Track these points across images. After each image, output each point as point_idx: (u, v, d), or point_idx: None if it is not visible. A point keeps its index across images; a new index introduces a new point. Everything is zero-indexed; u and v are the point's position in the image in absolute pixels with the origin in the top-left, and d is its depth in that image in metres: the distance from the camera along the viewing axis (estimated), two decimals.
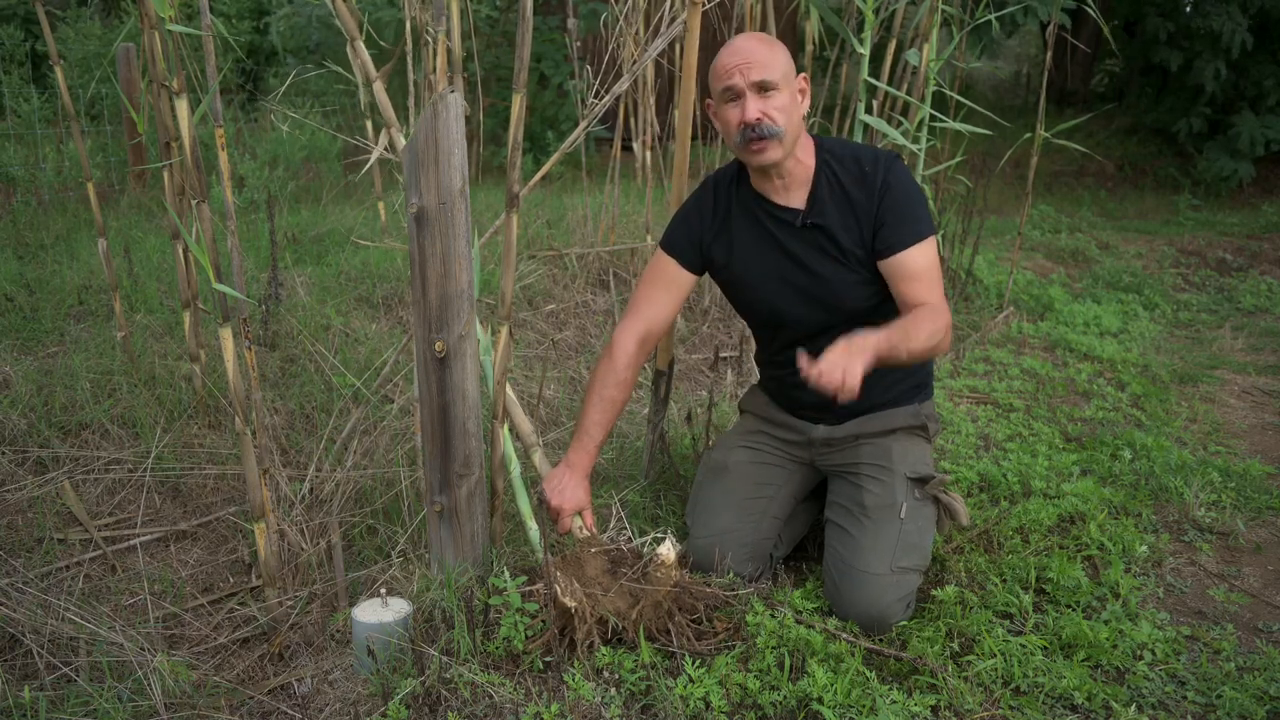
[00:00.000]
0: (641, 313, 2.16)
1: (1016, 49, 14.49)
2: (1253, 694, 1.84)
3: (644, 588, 1.85)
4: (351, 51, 2.04)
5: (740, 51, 1.94)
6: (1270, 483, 2.88)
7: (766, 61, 1.93)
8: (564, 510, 2.04)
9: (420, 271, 1.82)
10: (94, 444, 2.63)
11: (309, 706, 1.77)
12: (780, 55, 1.96)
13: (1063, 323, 4.52)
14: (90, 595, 2.07)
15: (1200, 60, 8.29)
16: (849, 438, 2.15)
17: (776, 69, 1.94)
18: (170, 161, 2.56)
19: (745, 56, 1.93)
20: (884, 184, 1.98)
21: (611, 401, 2.12)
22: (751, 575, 2.14)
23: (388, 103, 2.03)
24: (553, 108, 7.61)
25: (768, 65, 1.93)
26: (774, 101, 1.94)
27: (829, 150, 2.05)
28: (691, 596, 1.92)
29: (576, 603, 1.80)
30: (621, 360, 2.12)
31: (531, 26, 1.81)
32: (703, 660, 1.84)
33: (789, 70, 1.97)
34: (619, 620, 1.82)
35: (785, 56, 1.98)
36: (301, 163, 5.98)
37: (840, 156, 2.04)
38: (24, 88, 6.28)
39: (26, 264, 3.96)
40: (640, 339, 2.14)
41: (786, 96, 1.95)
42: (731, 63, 1.94)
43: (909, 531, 2.04)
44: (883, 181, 1.98)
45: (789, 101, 1.96)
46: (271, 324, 3.29)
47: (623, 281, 4.19)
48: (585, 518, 2.07)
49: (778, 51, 1.96)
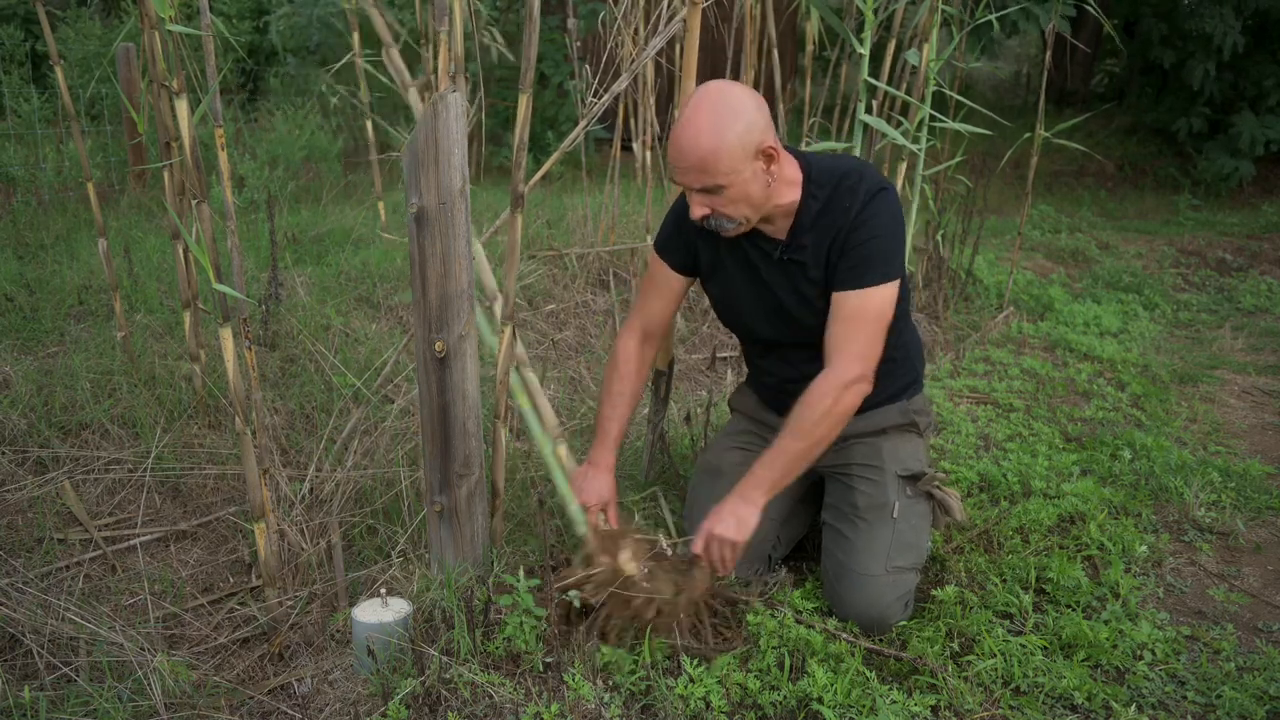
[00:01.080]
0: (639, 313, 2.22)
1: (1016, 49, 14.48)
2: (1253, 694, 1.84)
3: (685, 580, 1.90)
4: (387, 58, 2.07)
5: (681, 154, 1.84)
6: (1270, 483, 2.88)
7: (706, 167, 1.82)
8: (589, 505, 2.04)
9: (420, 271, 1.82)
10: (94, 444, 2.63)
11: (309, 706, 1.77)
12: (723, 153, 1.81)
13: (1063, 323, 4.52)
14: (90, 595, 2.07)
15: (1193, 60, 8.30)
16: (838, 438, 2.14)
17: (718, 171, 1.82)
18: (170, 161, 2.56)
19: (685, 160, 1.83)
20: (857, 219, 1.91)
21: (621, 395, 2.15)
22: (750, 577, 2.14)
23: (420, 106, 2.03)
24: (553, 108, 7.61)
25: (706, 170, 1.82)
26: (722, 199, 1.87)
27: (814, 180, 1.96)
28: (723, 600, 1.99)
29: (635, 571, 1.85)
30: (623, 356, 2.17)
31: (539, 27, 1.81)
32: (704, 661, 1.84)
33: (736, 160, 1.83)
34: (661, 606, 1.85)
35: (729, 148, 1.81)
36: (301, 163, 5.98)
37: (825, 184, 1.95)
38: (24, 88, 6.28)
39: (26, 264, 3.95)
40: (640, 338, 2.20)
41: (737, 188, 1.86)
42: (675, 163, 1.86)
43: (903, 530, 2.04)
44: (856, 216, 1.91)
45: (740, 192, 1.87)
46: (271, 324, 3.29)
47: (623, 281, 4.19)
48: (610, 512, 2.07)
49: (721, 147, 1.80)
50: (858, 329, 1.91)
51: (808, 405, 1.90)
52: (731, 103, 1.82)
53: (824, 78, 3.84)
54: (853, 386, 1.89)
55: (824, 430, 1.90)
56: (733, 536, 1.87)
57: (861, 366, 1.90)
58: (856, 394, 1.90)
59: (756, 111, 1.85)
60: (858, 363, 1.90)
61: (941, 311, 4.44)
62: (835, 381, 1.89)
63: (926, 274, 4.55)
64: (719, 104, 1.82)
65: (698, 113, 1.82)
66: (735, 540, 1.87)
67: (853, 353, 1.90)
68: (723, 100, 1.82)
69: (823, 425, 1.89)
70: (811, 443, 1.90)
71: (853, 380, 1.89)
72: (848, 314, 1.92)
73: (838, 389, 1.88)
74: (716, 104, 1.82)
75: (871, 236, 1.90)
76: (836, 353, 1.91)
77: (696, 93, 1.85)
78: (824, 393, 1.88)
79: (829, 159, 2.01)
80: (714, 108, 1.82)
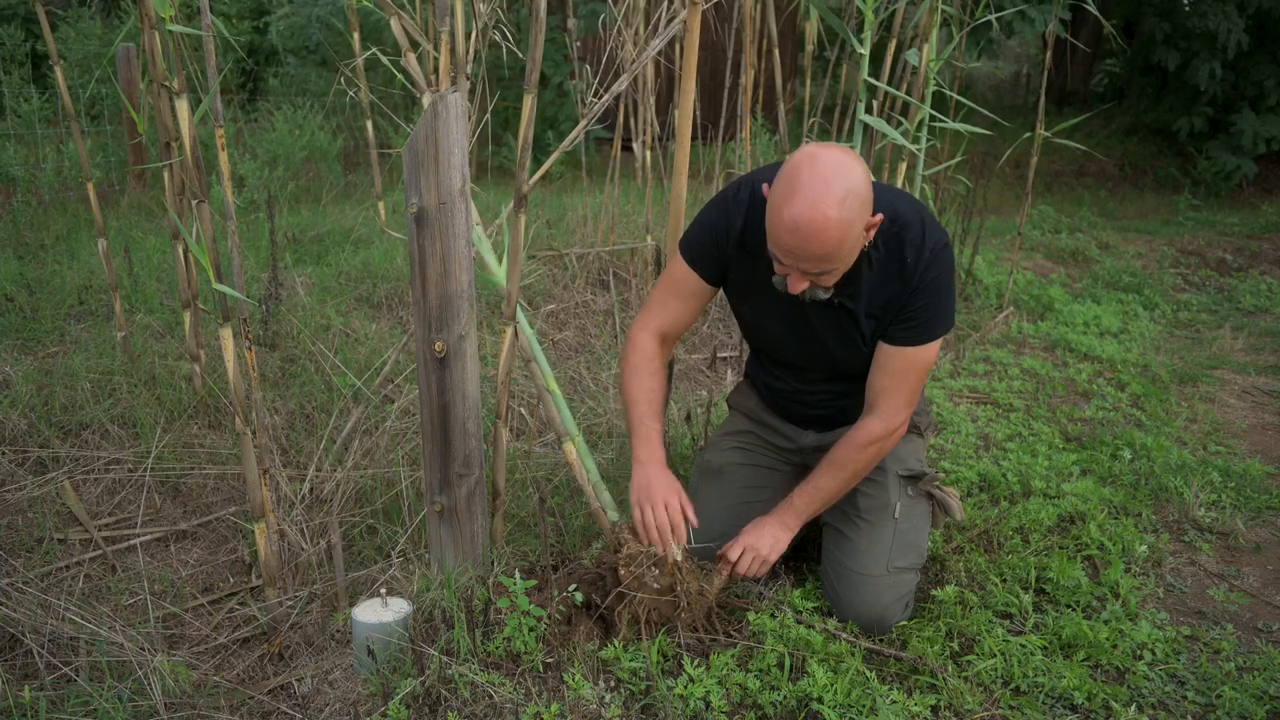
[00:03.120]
0: (659, 317, 2.08)
1: (1016, 49, 14.49)
2: (1253, 694, 1.84)
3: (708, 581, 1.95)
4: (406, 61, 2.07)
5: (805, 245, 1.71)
6: (1270, 483, 2.88)
7: (830, 257, 1.73)
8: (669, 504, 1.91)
9: (420, 271, 1.82)
10: (94, 444, 2.63)
11: (309, 706, 1.77)
12: (847, 243, 1.72)
13: (1063, 323, 4.52)
14: (90, 595, 2.07)
15: (1197, 60, 8.30)
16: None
17: (840, 258, 1.75)
18: (170, 161, 2.56)
19: (807, 252, 1.72)
20: (919, 282, 1.86)
21: (653, 390, 2.03)
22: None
23: None
24: (552, 108, 7.61)
25: (829, 259, 1.73)
26: (829, 276, 1.80)
27: (880, 229, 1.86)
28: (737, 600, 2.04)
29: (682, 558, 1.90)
30: (647, 355, 2.05)
31: (545, 27, 1.81)
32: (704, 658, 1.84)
33: (855, 243, 1.75)
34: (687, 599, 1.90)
35: (854, 236, 1.73)
36: (301, 163, 5.98)
37: (888, 234, 1.87)
38: (24, 88, 6.28)
39: (26, 264, 3.96)
40: (659, 338, 2.08)
41: (846, 264, 1.79)
42: (791, 250, 1.73)
43: (904, 531, 2.04)
44: (920, 277, 1.85)
45: (847, 265, 1.80)
46: (271, 324, 3.29)
47: (623, 281, 4.19)
48: (685, 507, 1.94)
49: (847, 239, 1.71)
50: (906, 382, 1.95)
51: (851, 450, 1.96)
52: (852, 181, 1.69)
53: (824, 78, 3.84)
54: (895, 434, 1.97)
55: (863, 474, 2.01)
56: (766, 553, 1.94)
57: (905, 416, 1.97)
58: (895, 440, 2.00)
59: (867, 183, 1.74)
60: (903, 412, 1.96)
61: None
62: (881, 431, 1.95)
63: None
64: (841, 183, 1.68)
65: (820, 198, 1.67)
66: (767, 558, 1.94)
67: (899, 404, 1.95)
68: (844, 178, 1.69)
69: (862, 473, 2.00)
70: (850, 484, 2.01)
71: (895, 429, 1.97)
72: (899, 368, 1.94)
73: (882, 438, 1.96)
74: (838, 184, 1.68)
75: (932, 299, 1.88)
76: (883, 400, 1.95)
77: (809, 166, 1.69)
78: (869, 441, 1.95)
79: (889, 199, 1.89)
80: (838, 191, 1.68)
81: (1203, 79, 8.26)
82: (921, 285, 1.87)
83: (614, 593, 1.89)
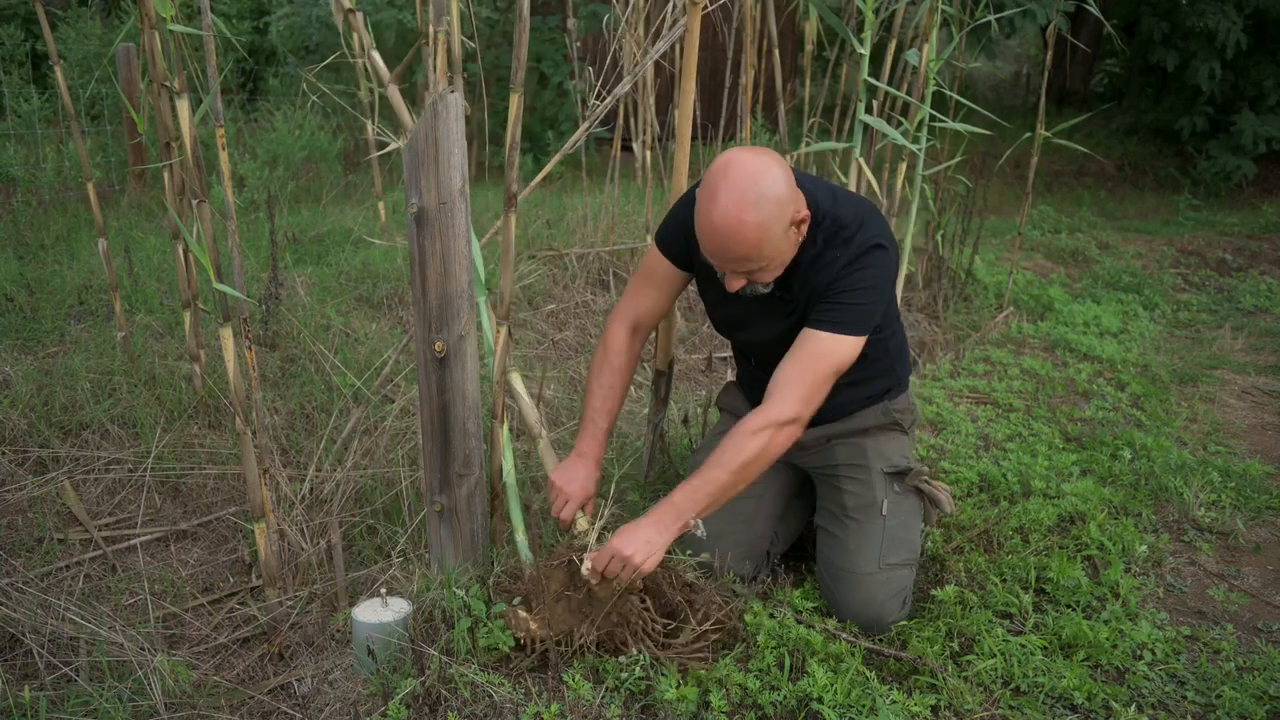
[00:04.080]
0: (632, 304, 2.15)
1: (1016, 49, 14.49)
2: (1253, 694, 1.84)
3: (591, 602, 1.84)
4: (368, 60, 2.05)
5: (723, 248, 1.80)
6: (1270, 483, 2.88)
7: (750, 257, 1.80)
8: (572, 495, 1.99)
9: (420, 271, 1.82)
10: (94, 444, 2.63)
11: (309, 706, 1.77)
12: (765, 242, 1.78)
13: (1063, 323, 4.52)
14: (90, 595, 2.07)
15: (1196, 60, 8.30)
16: (821, 439, 2.13)
17: (762, 257, 1.81)
18: (171, 161, 2.56)
19: (728, 254, 1.80)
20: (842, 272, 1.89)
21: (612, 388, 2.10)
22: (750, 574, 2.14)
23: (402, 104, 2.02)
24: (553, 108, 7.61)
25: (750, 259, 1.81)
26: (761, 273, 1.86)
27: (817, 224, 1.92)
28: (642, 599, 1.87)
29: (523, 634, 1.80)
30: (614, 348, 2.11)
31: (529, 26, 1.81)
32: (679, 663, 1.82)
33: (777, 241, 1.81)
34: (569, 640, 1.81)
35: (772, 236, 1.79)
36: (301, 163, 5.98)
37: (823, 230, 1.92)
38: (24, 88, 6.28)
39: (26, 264, 3.96)
40: (631, 328, 2.13)
41: (776, 261, 1.85)
42: (713, 254, 1.83)
43: (893, 527, 2.05)
44: (843, 269, 1.89)
45: (778, 262, 1.86)
46: (271, 324, 3.29)
47: (622, 281, 4.19)
48: (587, 509, 2.04)
49: (765, 238, 1.78)
50: (809, 372, 1.89)
51: (738, 440, 1.85)
52: (766, 184, 1.75)
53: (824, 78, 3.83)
54: (786, 427, 1.87)
55: (753, 469, 1.86)
56: (636, 561, 1.77)
57: (800, 409, 1.87)
58: (789, 435, 1.88)
59: (787, 182, 1.79)
60: (798, 405, 1.87)
61: (941, 311, 4.44)
62: (771, 419, 1.86)
63: (926, 274, 4.54)
64: (754, 188, 1.75)
65: (734, 203, 1.74)
66: (638, 565, 1.77)
67: (796, 394, 1.87)
68: (757, 183, 1.75)
69: (753, 465, 1.86)
70: (738, 479, 1.86)
71: (788, 421, 1.86)
72: (806, 354, 1.90)
73: (772, 428, 1.85)
74: (751, 189, 1.74)
75: (852, 289, 1.88)
76: (781, 388, 1.89)
77: (723, 174, 1.76)
78: (756, 430, 1.85)
79: (837, 199, 1.95)
80: (751, 195, 1.74)
81: (1202, 79, 8.25)
82: (846, 276, 1.88)
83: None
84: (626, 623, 1.84)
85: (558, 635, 1.82)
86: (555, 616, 1.83)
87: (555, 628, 1.82)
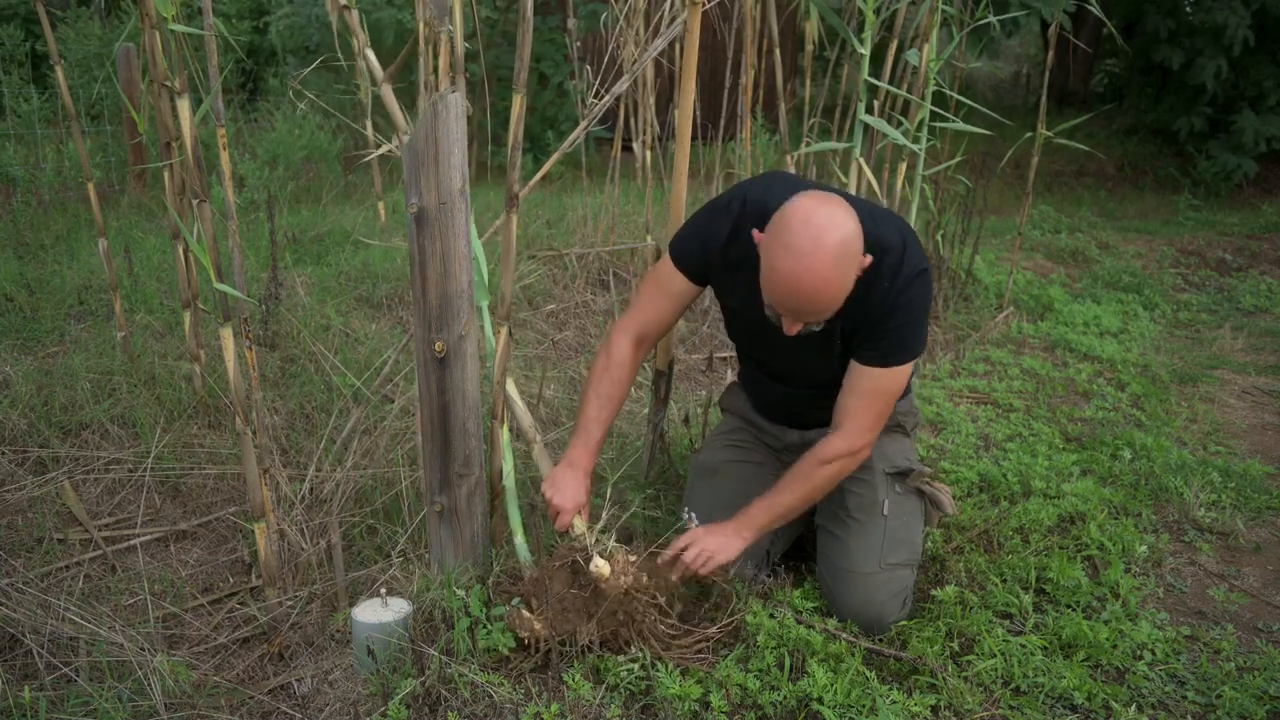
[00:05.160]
0: (641, 315, 2.11)
1: (1016, 49, 14.49)
2: (1253, 694, 1.84)
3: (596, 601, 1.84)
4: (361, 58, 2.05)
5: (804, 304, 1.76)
6: (1270, 483, 2.88)
7: (827, 310, 1.78)
8: (564, 509, 1.99)
9: (420, 271, 1.82)
10: (94, 444, 2.63)
11: (309, 706, 1.77)
12: (842, 295, 1.76)
13: (1063, 323, 4.52)
14: (90, 595, 2.07)
15: (1202, 58, 8.28)
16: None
17: (829, 311, 1.79)
18: (171, 161, 2.56)
19: (806, 309, 1.77)
20: (893, 304, 1.87)
21: (610, 399, 2.08)
22: (750, 574, 2.14)
23: (395, 104, 2.02)
24: (552, 108, 7.60)
25: (826, 312, 1.79)
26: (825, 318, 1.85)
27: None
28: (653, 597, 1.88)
29: (528, 633, 1.81)
30: (618, 358, 2.09)
31: (532, 26, 1.81)
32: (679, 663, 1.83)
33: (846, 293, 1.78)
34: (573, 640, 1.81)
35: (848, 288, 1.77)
36: (301, 163, 5.98)
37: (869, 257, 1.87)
38: (24, 88, 6.28)
39: (26, 264, 3.95)
40: (636, 340, 2.11)
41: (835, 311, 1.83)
42: (789, 308, 1.78)
43: (895, 527, 2.05)
44: (893, 303, 1.87)
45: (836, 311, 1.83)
46: (271, 324, 3.29)
47: (622, 281, 4.19)
48: (583, 514, 2.03)
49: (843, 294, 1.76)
50: (872, 404, 1.95)
51: (812, 465, 1.96)
52: (844, 238, 1.72)
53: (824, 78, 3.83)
54: (858, 454, 1.97)
55: (821, 492, 2.01)
56: (714, 552, 1.91)
57: (869, 438, 1.97)
58: (858, 461, 1.99)
59: (858, 235, 1.76)
60: (866, 434, 1.96)
61: (941, 311, 4.44)
62: (844, 449, 1.95)
63: None
64: (838, 247, 1.72)
65: (819, 263, 1.70)
66: (714, 556, 1.91)
67: (863, 425, 1.95)
68: (842, 241, 1.72)
69: (821, 490, 2.00)
70: (808, 500, 2.01)
71: (859, 450, 1.97)
72: (866, 390, 1.94)
73: (844, 456, 1.96)
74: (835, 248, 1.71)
75: (905, 323, 1.89)
76: (849, 420, 1.96)
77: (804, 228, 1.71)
78: (831, 457, 1.95)
79: (876, 220, 1.89)
80: (834, 253, 1.71)
81: (1208, 77, 8.23)
82: (895, 308, 1.88)
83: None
84: (632, 621, 1.84)
85: (561, 635, 1.82)
86: (559, 616, 1.83)
87: (559, 627, 1.82)
